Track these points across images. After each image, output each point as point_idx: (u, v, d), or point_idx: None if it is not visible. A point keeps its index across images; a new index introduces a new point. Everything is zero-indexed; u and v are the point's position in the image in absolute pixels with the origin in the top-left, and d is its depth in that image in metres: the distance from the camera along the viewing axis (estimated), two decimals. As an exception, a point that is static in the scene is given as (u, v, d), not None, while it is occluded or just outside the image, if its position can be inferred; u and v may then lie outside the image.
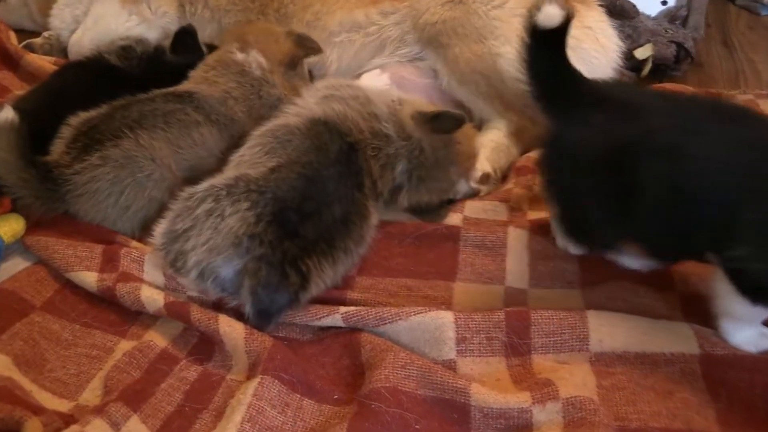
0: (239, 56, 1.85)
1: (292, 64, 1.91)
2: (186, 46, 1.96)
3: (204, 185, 1.43)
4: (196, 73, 1.85)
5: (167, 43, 1.99)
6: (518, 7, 1.93)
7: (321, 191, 1.44)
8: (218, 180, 1.43)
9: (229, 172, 1.49)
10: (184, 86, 1.81)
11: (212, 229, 1.35)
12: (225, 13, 2.25)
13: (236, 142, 1.67)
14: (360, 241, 1.51)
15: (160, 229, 1.43)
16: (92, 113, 1.66)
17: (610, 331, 1.31)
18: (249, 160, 1.50)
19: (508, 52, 1.89)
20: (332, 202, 1.44)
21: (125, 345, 1.40)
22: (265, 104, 1.81)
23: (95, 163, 1.57)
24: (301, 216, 1.39)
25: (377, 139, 1.59)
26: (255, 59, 1.85)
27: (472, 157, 1.77)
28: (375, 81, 2.01)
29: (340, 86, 1.71)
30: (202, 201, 1.38)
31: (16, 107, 1.72)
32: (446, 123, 1.64)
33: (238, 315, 1.39)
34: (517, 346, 1.32)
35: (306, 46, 1.94)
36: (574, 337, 1.31)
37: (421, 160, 1.62)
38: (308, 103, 1.66)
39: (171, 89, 1.77)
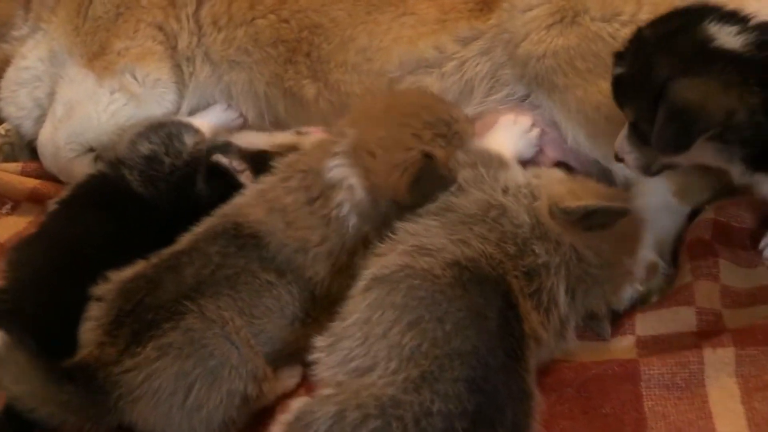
0: (333, 173, 1.71)
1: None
2: (220, 182, 1.92)
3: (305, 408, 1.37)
4: (271, 182, 1.78)
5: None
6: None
7: (492, 396, 1.31)
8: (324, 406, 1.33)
9: (340, 382, 1.41)
10: (247, 211, 1.74)
11: None
12: (235, 68, 2.26)
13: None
14: None
15: None
16: (128, 274, 1.64)
17: None
18: (373, 344, 1.39)
19: (651, 86, 1.85)
20: (504, 405, 1.32)
21: None
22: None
23: (151, 356, 1.55)
24: None
25: (533, 279, 1.52)
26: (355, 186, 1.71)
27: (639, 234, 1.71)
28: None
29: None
30: None
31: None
32: (603, 219, 1.58)
33: None
34: None
35: (421, 193, 1.68)
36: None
37: (583, 269, 1.57)
38: (433, 232, 1.56)
39: (226, 220, 1.73)
